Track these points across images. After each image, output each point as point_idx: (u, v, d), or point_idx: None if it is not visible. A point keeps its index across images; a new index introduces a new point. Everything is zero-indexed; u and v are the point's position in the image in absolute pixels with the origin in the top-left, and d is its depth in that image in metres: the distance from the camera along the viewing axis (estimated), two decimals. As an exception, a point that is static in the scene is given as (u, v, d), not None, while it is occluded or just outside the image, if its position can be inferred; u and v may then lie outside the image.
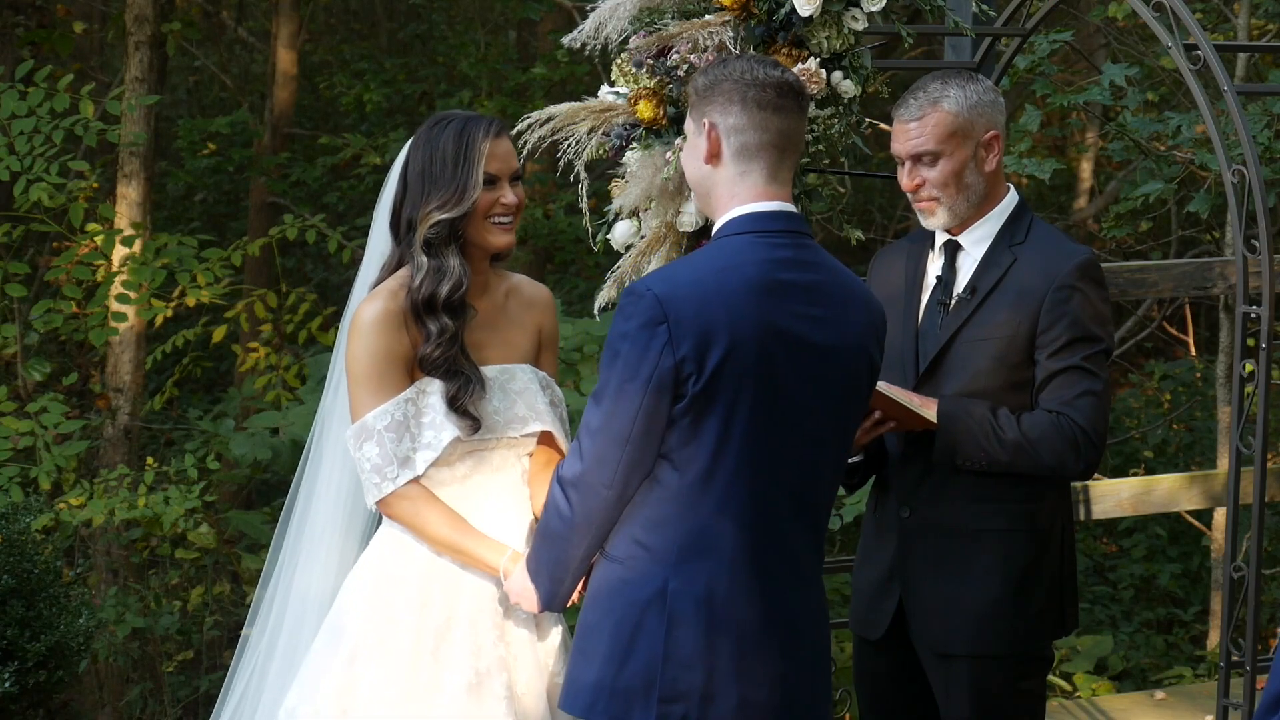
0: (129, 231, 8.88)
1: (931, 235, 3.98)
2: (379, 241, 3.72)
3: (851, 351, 3.36)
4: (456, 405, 3.55)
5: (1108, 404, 3.84)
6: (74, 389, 10.18)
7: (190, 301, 8.89)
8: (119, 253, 8.76)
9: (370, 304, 3.59)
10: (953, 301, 3.89)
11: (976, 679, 3.85)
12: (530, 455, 3.74)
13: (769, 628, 3.30)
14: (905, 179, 3.90)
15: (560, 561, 3.37)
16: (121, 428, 9.33)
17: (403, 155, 3.68)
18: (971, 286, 3.87)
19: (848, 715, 5.97)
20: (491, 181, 3.61)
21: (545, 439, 3.73)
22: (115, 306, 8.63)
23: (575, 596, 3.48)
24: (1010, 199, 3.94)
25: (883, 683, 4.03)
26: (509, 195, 3.64)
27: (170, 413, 11.22)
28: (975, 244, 3.91)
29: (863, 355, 3.39)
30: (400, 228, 3.65)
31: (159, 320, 9.35)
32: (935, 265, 3.95)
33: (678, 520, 3.27)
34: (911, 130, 3.86)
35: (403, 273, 3.62)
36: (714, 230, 3.39)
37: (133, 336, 9.36)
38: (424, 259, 3.58)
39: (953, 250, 3.93)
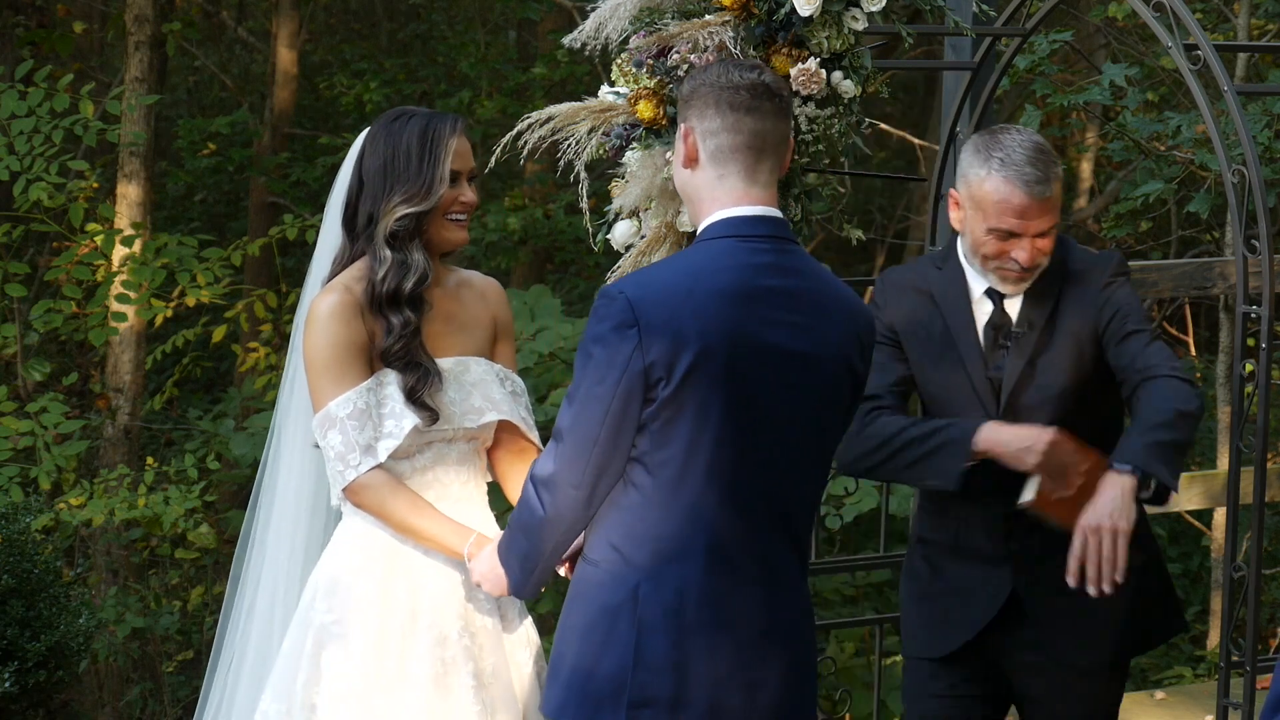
0: (129, 231, 8.89)
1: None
2: (330, 236, 3.73)
3: (830, 359, 3.32)
4: (414, 397, 3.57)
5: None
6: (74, 389, 10.18)
7: (190, 301, 8.90)
8: (119, 253, 8.77)
9: (326, 296, 3.60)
10: (1012, 342, 3.87)
11: (1094, 688, 3.88)
12: (489, 447, 3.76)
13: (742, 634, 3.27)
14: (1023, 255, 3.80)
15: (531, 555, 3.36)
16: (121, 428, 9.35)
17: (356, 150, 3.69)
18: (1026, 320, 3.86)
19: (848, 715, 5.97)
20: (454, 178, 3.64)
21: (508, 429, 3.75)
22: (115, 306, 8.64)
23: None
24: None
25: (944, 703, 3.99)
26: (468, 194, 3.67)
27: (170, 413, 11.23)
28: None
29: (842, 364, 3.34)
30: (357, 222, 3.65)
31: (159, 320, 9.35)
32: (982, 311, 3.91)
33: (651, 525, 3.25)
34: (1047, 206, 3.78)
35: (360, 265, 3.63)
36: (697, 234, 3.38)
37: (133, 336, 9.37)
38: (388, 252, 3.59)
39: (998, 298, 3.90)
